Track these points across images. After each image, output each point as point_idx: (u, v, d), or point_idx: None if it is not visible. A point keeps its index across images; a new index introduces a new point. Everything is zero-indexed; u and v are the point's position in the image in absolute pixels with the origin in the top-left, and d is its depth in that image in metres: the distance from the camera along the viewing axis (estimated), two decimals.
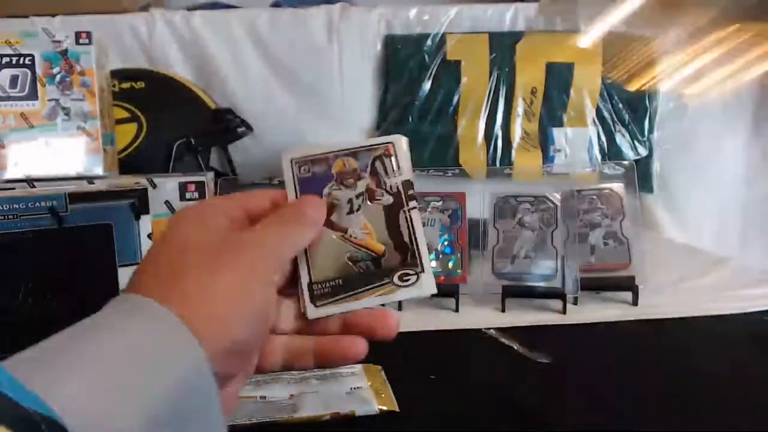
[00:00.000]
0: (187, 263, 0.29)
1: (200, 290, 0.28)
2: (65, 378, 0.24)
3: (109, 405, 0.24)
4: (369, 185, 0.37)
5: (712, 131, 1.13)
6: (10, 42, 0.71)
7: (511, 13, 1.10)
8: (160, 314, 0.27)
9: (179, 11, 1.09)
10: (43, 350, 0.25)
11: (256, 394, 0.49)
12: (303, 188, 0.37)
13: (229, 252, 0.30)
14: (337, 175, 0.37)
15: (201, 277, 0.29)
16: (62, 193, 0.50)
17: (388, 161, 0.37)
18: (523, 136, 1.10)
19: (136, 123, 0.91)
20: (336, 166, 0.37)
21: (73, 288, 0.51)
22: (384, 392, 0.49)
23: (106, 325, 0.27)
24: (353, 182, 0.37)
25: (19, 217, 0.49)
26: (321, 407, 0.47)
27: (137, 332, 0.26)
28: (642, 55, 1.10)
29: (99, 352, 0.26)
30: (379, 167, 0.37)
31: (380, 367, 0.54)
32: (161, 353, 0.26)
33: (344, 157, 0.38)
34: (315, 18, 1.09)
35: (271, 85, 1.10)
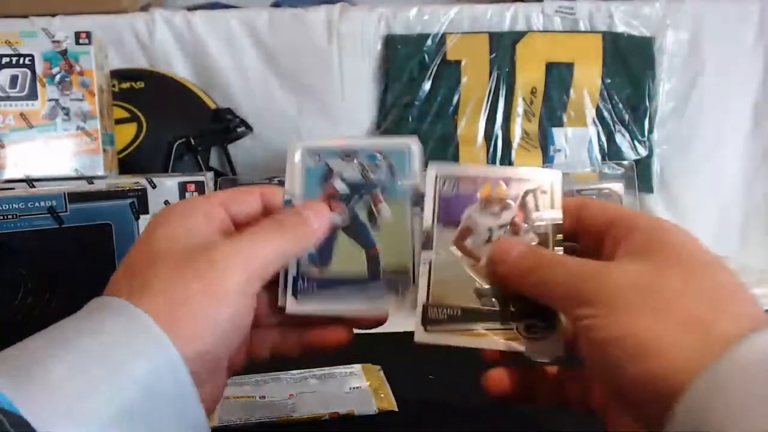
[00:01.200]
0: (158, 267, 0.29)
1: (170, 295, 0.28)
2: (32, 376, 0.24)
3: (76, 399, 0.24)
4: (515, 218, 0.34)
5: (711, 131, 1.12)
6: (10, 42, 0.71)
7: (511, 13, 1.10)
8: (131, 313, 0.27)
9: (179, 11, 1.09)
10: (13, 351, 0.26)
11: (255, 394, 0.49)
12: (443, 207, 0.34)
13: (202, 258, 0.29)
14: (483, 199, 0.34)
15: (172, 281, 0.28)
16: (62, 193, 0.50)
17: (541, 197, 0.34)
18: (523, 136, 1.10)
19: (135, 123, 0.91)
20: (483, 190, 0.34)
21: (73, 288, 0.51)
22: (383, 392, 0.49)
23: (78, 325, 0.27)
24: (498, 211, 0.34)
25: (19, 216, 0.49)
26: (320, 407, 0.47)
27: (108, 331, 0.26)
28: (642, 55, 1.10)
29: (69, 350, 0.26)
30: (530, 201, 0.34)
31: (379, 367, 0.54)
32: (131, 348, 0.26)
33: (494, 182, 0.34)
34: (315, 18, 1.09)
35: (271, 85, 1.10)
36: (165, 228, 0.31)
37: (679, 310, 0.26)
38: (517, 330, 0.33)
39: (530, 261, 0.31)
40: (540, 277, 0.30)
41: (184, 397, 0.27)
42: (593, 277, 0.28)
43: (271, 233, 0.31)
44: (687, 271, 0.27)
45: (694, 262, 0.28)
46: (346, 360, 0.54)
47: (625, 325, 0.26)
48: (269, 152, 1.10)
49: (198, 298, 0.28)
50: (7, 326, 0.50)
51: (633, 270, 0.28)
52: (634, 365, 0.26)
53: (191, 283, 0.28)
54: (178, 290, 0.28)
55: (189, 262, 0.29)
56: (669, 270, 0.27)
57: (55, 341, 0.26)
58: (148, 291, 0.28)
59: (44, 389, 0.23)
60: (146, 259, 0.30)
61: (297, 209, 0.34)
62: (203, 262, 0.29)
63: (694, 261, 0.28)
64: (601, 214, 0.32)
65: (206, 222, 0.32)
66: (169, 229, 0.31)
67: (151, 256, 0.30)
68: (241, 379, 0.51)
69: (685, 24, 1.09)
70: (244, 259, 0.30)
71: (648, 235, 0.29)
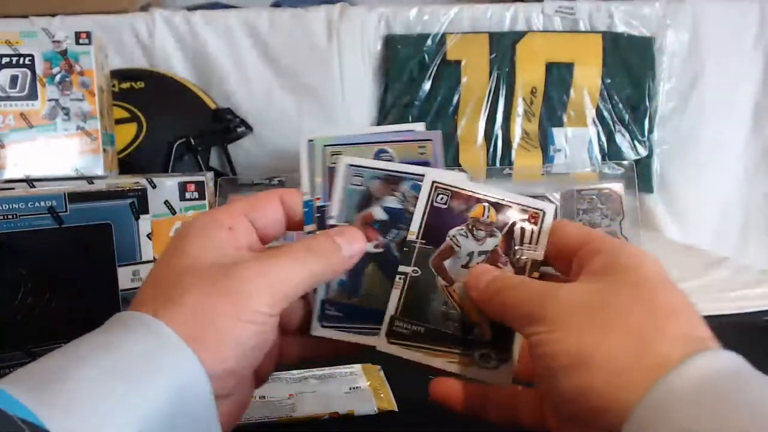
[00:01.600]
0: (185, 283, 0.29)
1: (197, 312, 0.28)
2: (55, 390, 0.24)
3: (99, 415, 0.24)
4: (497, 247, 0.33)
5: (712, 131, 1.13)
6: (10, 42, 0.71)
7: (511, 13, 1.10)
8: (158, 329, 0.27)
9: (179, 11, 1.09)
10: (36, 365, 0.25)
11: (255, 394, 0.49)
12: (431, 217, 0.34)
13: (229, 277, 0.29)
14: (472, 220, 0.34)
15: (199, 299, 0.28)
16: (62, 193, 0.50)
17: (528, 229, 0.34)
18: (523, 136, 1.10)
19: (135, 123, 0.91)
20: (474, 212, 0.34)
21: (73, 288, 0.51)
22: (383, 392, 0.49)
23: (102, 340, 0.27)
24: (483, 236, 0.34)
25: (19, 216, 0.49)
26: (320, 407, 0.47)
27: (133, 347, 0.26)
28: (642, 55, 1.10)
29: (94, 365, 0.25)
30: (516, 231, 0.33)
31: (379, 367, 0.54)
32: (157, 364, 0.26)
33: (487, 205, 0.34)
34: (315, 18, 1.09)
35: (271, 85, 1.10)
36: (191, 244, 0.31)
37: (620, 327, 0.26)
38: (473, 357, 0.33)
39: (498, 284, 0.32)
40: (503, 298, 0.31)
41: (206, 416, 0.27)
42: (547, 297, 0.29)
43: (301, 257, 0.31)
44: (636, 292, 0.28)
45: (646, 284, 0.28)
46: (346, 360, 0.54)
47: (567, 340, 0.27)
48: (269, 152, 1.10)
49: (224, 317, 0.28)
50: (7, 326, 0.50)
51: (584, 289, 0.29)
52: (571, 378, 0.26)
53: (218, 301, 0.28)
54: (205, 308, 0.28)
55: (216, 279, 0.29)
56: (619, 290, 0.28)
57: (79, 357, 0.26)
58: (175, 307, 0.28)
59: (69, 405, 0.23)
60: (172, 276, 0.29)
61: (331, 234, 0.33)
62: (230, 281, 0.29)
63: (646, 282, 0.28)
64: (575, 236, 0.32)
65: (232, 237, 0.31)
66: (195, 245, 0.30)
67: (177, 272, 0.29)
68: None
69: (685, 24, 1.09)
70: (271, 282, 0.29)
71: (608, 258, 0.30)
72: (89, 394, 0.24)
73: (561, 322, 0.28)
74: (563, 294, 0.29)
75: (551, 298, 0.29)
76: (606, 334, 0.26)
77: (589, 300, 0.28)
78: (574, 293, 0.29)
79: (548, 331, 0.28)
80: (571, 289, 0.29)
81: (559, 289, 0.29)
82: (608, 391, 0.25)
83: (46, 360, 0.26)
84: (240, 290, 0.29)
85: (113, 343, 0.26)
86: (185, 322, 0.27)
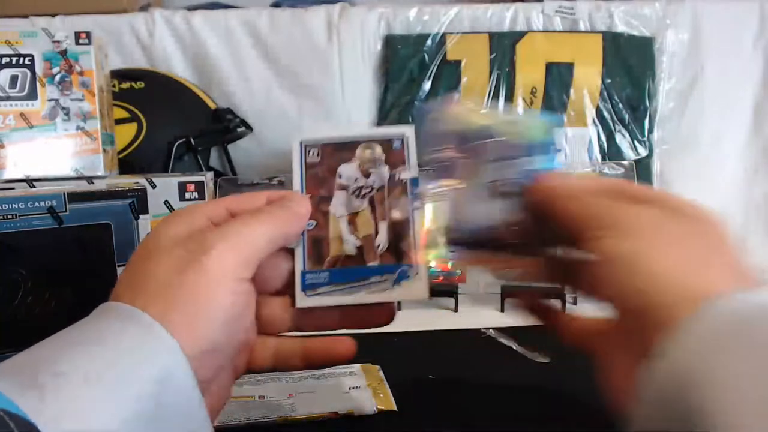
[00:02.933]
0: (156, 266, 0.29)
1: (166, 292, 0.28)
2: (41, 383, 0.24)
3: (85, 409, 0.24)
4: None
5: (712, 131, 1.13)
6: (10, 42, 0.71)
7: (511, 13, 1.10)
8: (135, 318, 0.27)
9: (179, 11, 1.09)
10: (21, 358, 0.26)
11: (255, 394, 0.49)
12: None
13: (195, 250, 0.30)
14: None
15: (168, 278, 0.29)
16: (62, 193, 0.50)
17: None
18: None
19: (135, 123, 0.91)
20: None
21: (73, 288, 0.52)
22: (382, 392, 0.49)
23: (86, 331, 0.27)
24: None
25: (19, 216, 0.49)
26: (319, 407, 0.47)
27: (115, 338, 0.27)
28: (642, 55, 1.10)
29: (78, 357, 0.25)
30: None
31: (378, 366, 0.54)
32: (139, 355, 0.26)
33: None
34: (315, 18, 1.09)
35: (271, 85, 1.10)
36: (166, 228, 0.32)
37: (679, 248, 0.29)
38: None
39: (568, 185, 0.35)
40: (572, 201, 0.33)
41: (190, 401, 0.27)
42: (619, 209, 0.32)
43: (257, 217, 0.32)
44: (697, 228, 0.30)
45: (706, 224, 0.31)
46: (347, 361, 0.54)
47: (634, 245, 0.29)
48: (269, 152, 1.10)
49: (193, 289, 0.28)
50: (7, 326, 0.50)
51: (652, 212, 0.31)
52: (630, 278, 0.29)
53: (185, 274, 0.29)
54: (173, 284, 0.28)
55: (182, 254, 0.29)
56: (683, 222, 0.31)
57: (64, 348, 0.26)
58: (146, 291, 0.28)
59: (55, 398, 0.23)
60: (143, 260, 0.30)
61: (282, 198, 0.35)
62: (194, 252, 0.29)
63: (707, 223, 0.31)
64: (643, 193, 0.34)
65: (208, 223, 0.32)
66: (170, 229, 0.31)
67: (148, 255, 0.30)
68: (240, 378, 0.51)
69: (685, 24, 1.09)
70: (233, 243, 0.30)
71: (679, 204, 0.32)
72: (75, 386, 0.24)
73: (630, 230, 0.30)
74: (635, 209, 0.31)
75: (624, 210, 0.31)
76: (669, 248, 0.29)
77: (657, 220, 0.30)
78: (646, 211, 0.31)
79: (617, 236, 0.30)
80: (643, 208, 0.31)
81: (632, 206, 0.31)
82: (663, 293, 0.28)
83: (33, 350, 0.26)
84: (205, 258, 0.29)
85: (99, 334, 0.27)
86: (157, 304, 0.28)
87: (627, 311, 0.30)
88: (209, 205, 0.34)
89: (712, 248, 0.30)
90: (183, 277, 0.29)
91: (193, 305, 0.28)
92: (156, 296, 0.28)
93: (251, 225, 0.32)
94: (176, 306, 0.28)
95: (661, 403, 0.26)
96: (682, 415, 0.24)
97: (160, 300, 0.28)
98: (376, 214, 0.36)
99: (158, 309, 0.28)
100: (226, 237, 0.30)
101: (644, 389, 0.27)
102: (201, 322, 0.28)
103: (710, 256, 0.29)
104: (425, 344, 0.62)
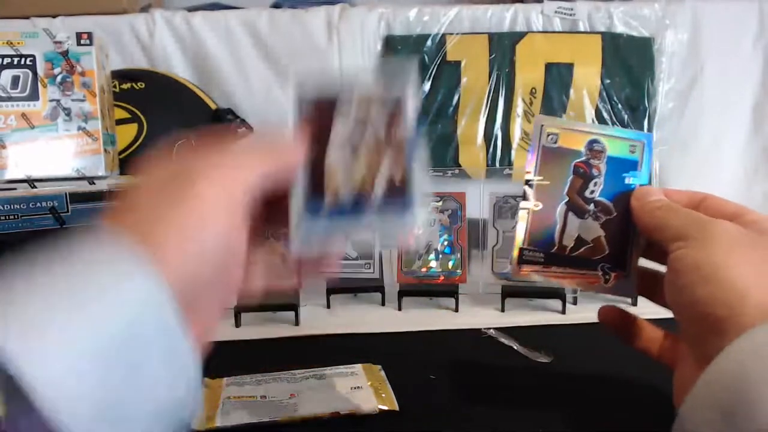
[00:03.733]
0: (148, 197, 0.28)
1: (152, 214, 0.27)
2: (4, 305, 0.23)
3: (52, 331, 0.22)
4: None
5: (711, 131, 1.13)
6: (12, 42, 0.72)
7: (511, 13, 1.10)
8: (112, 234, 0.26)
9: (179, 11, 1.09)
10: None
11: (256, 394, 0.49)
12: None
13: (187, 180, 0.28)
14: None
15: (156, 202, 0.28)
16: (63, 194, 0.51)
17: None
18: (523, 137, 1.10)
19: (136, 123, 0.91)
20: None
21: None
22: (384, 392, 0.49)
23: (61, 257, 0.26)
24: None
25: (20, 217, 0.49)
26: (321, 406, 0.47)
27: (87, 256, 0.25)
28: (641, 56, 1.10)
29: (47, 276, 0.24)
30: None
31: (380, 366, 0.54)
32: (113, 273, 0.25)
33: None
34: (315, 18, 1.09)
35: (271, 85, 1.10)
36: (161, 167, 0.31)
37: (757, 262, 0.32)
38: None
39: (662, 203, 0.38)
40: (665, 215, 0.37)
41: (169, 329, 0.25)
42: (703, 222, 0.35)
43: (250, 148, 0.32)
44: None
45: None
46: (347, 360, 0.55)
47: (707, 257, 0.32)
48: None
49: (181, 216, 0.27)
50: None
51: (737, 229, 0.34)
52: (702, 287, 0.32)
53: (177, 209, 0.27)
54: (161, 209, 0.27)
55: (174, 187, 0.28)
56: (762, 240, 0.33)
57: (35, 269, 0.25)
58: (131, 213, 0.27)
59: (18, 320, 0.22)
60: (138, 193, 0.29)
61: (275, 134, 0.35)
62: (188, 185, 0.28)
63: None
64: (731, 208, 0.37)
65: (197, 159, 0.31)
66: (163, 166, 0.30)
67: (143, 188, 0.29)
68: (242, 378, 0.51)
69: (684, 24, 1.10)
70: (223, 174, 0.29)
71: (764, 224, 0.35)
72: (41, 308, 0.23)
73: (710, 242, 0.33)
74: (721, 224, 0.34)
75: (709, 224, 0.34)
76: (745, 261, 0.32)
77: (740, 236, 0.33)
78: (732, 227, 0.34)
79: (696, 247, 0.33)
80: (729, 224, 0.34)
81: (717, 221, 0.34)
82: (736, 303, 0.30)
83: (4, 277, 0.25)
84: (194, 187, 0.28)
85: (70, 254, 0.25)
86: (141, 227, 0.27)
87: (701, 319, 0.32)
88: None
89: None
90: (173, 209, 0.27)
91: (179, 235, 0.27)
92: (138, 220, 0.27)
93: (244, 156, 0.31)
94: (160, 236, 0.27)
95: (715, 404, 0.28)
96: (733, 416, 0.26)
97: (143, 225, 0.27)
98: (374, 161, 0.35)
99: (140, 231, 0.26)
100: (217, 167, 0.29)
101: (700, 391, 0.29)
102: (187, 249, 0.27)
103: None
104: (426, 344, 0.62)
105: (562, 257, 0.40)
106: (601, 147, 0.40)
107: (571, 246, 0.40)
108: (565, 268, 0.40)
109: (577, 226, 0.40)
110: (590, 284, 0.40)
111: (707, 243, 0.33)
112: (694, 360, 0.33)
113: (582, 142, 0.40)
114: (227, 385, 0.50)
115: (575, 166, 0.41)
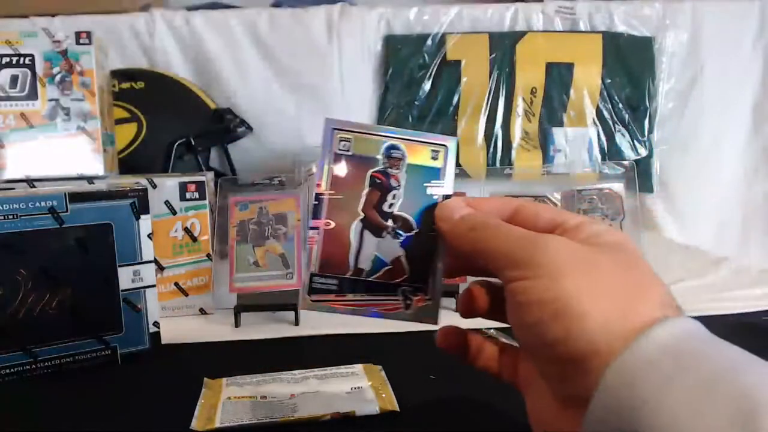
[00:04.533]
0: None
1: None
2: None
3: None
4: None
5: (711, 131, 1.13)
6: (10, 42, 0.71)
7: (511, 13, 1.10)
8: None
9: (179, 11, 1.09)
10: None
11: (256, 394, 0.49)
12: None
13: None
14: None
15: None
16: (62, 193, 0.50)
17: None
18: (523, 136, 1.10)
19: (136, 123, 0.91)
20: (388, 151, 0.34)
21: (73, 288, 0.51)
22: (385, 392, 0.49)
23: None
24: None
25: (19, 217, 0.49)
26: (321, 407, 0.46)
27: None
28: (642, 55, 1.10)
29: None
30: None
31: (380, 367, 0.54)
32: None
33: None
34: (315, 18, 1.09)
35: (271, 85, 1.10)
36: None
37: (608, 283, 0.27)
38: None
39: (473, 220, 0.32)
40: (480, 236, 0.31)
41: None
42: (534, 243, 0.29)
43: None
44: (621, 258, 0.29)
45: (629, 255, 0.29)
46: (347, 360, 0.54)
47: (555, 287, 0.27)
48: (269, 152, 1.10)
49: None
50: (7, 326, 0.50)
51: (572, 245, 0.29)
52: (555, 324, 0.27)
53: None
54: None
55: None
56: (605, 253, 0.29)
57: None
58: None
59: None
60: None
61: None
62: None
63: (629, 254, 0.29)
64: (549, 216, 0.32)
65: None
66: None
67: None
68: (242, 378, 0.51)
69: (685, 24, 1.10)
70: None
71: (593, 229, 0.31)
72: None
73: (545, 269, 0.28)
74: (552, 243, 0.29)
75: (539, 245, 0.29)
76: (595, 286, 0.27)
77: (578, 255, 0.28)
78: (564, 245, 0.29)
79: (535, 276, 0.28)
80: (560, 240, 0.29)
81: (547, 238, 0.29)
82: (596, 337, 0.26)
83: None
84: None
85: None
86: None
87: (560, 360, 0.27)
88: None
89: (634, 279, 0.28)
90: None
91: None
92: None
93: None
94: None
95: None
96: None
97: None
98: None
99: None
100: None
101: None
102: None
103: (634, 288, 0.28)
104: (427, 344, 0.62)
105: (359, 282, 0.35)
106: (400, 154, 0.35)
107: (368, 269, 0.35)
108: (362, 295, 0.35)
109: (375, 246, 0.35)
110: (389, 311, 0.35)
111: (544, 270, 0.28)
112: (554, 398, 0.30)
113: (379, 149, 0.35)
114: (227, 385, 0.50)
115: (372, 177, 0.35)
